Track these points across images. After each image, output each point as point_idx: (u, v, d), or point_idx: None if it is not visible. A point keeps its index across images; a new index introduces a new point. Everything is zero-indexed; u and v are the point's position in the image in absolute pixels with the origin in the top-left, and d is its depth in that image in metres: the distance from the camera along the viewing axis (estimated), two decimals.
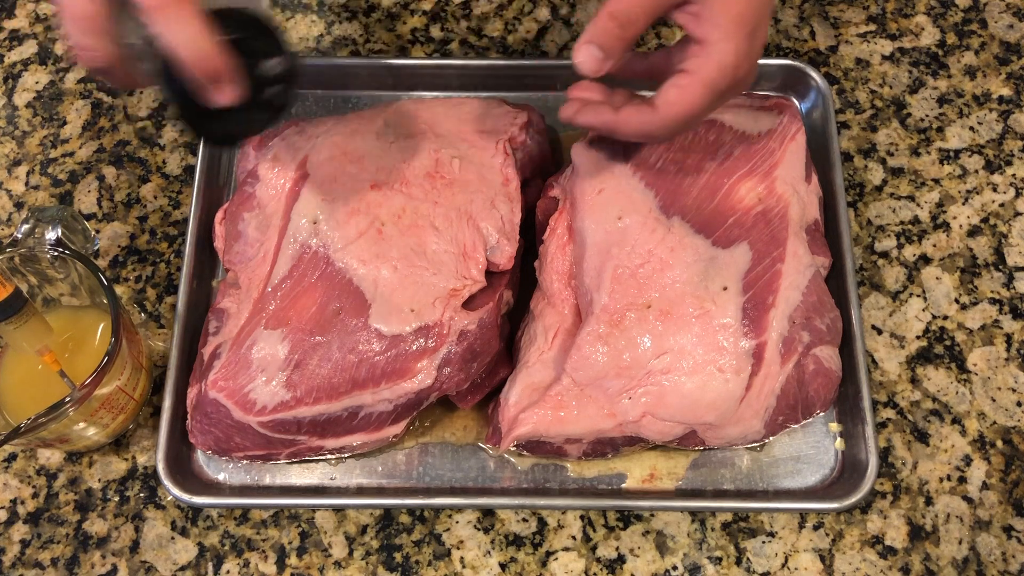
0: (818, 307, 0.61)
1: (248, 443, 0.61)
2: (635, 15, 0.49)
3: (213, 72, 0.45)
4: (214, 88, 0.45)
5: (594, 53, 0.50)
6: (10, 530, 0.64)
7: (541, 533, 0.63)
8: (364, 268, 0.60)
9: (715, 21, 0.49)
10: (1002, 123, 0.75)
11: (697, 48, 0.50)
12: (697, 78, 0.50)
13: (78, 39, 0.44)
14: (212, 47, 0.44)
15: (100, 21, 0.43)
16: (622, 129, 0.54)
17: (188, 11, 0.43)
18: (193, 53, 0.44)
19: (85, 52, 0.44)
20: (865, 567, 0.62)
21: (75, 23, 0.43)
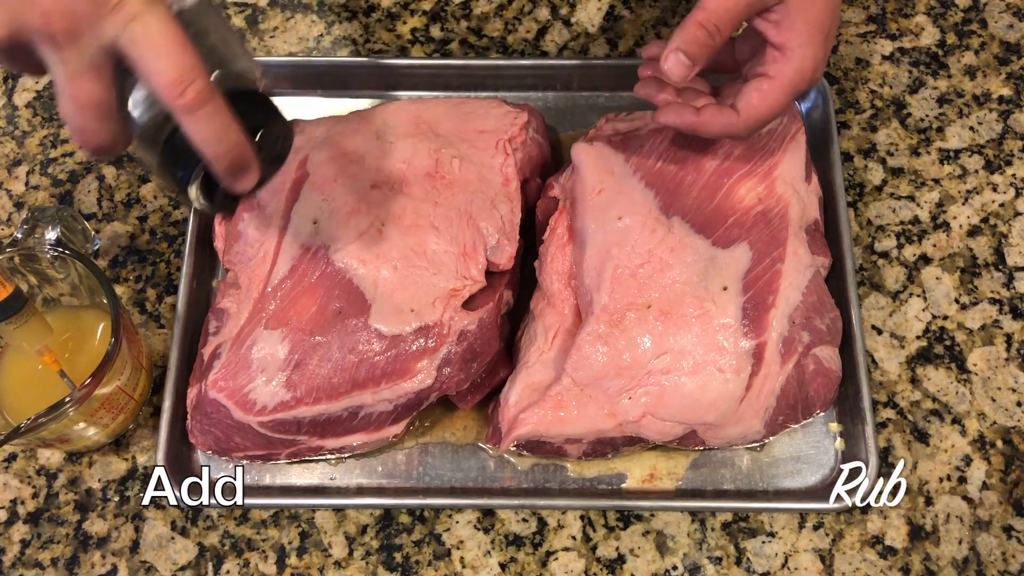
0: (818, 307, 0.61)
1: (248, 443, 0.61)
2: (722, 24, 0.52)
3: (241, 163, 0.45)
4: (239, 176, 0.46)
5: (682, 60, 0.53)
6: (10, 530, 0.64)
7: (541, 533, 0.63)
8: (364, 268, 0.60)
9: (795, 28, 0.53)
10: (1002, 123, 0.75)
11: (777, 53, 0.54)
12: (777, 83, 0.54)
13: (84, 124, 0.43)
14: (240, 140, 0.44)
15: (108, 106, 0.43)
16: (705, 130, 0.57)
17: (217, 107, 0.43)
18: (223, 148, 0.44)
19: (90, 136, 0.44)
20: (865, 567, 0.62)
21: (83, 110, 0.42)
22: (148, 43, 0.41)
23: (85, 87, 0.42)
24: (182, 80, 0.41)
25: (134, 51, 0.41)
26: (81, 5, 0.40)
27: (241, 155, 0.45)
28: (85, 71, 0.41)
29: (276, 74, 0.76)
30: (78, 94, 0.42)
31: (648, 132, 0.66)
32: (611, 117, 0.69)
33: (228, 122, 0.43)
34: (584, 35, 0.79)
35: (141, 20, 0.41)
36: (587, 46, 0.79)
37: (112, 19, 0.40)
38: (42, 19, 0.40)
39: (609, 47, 0.79)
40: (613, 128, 0.68)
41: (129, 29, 0.41)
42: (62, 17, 0.40)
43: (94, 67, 0.41)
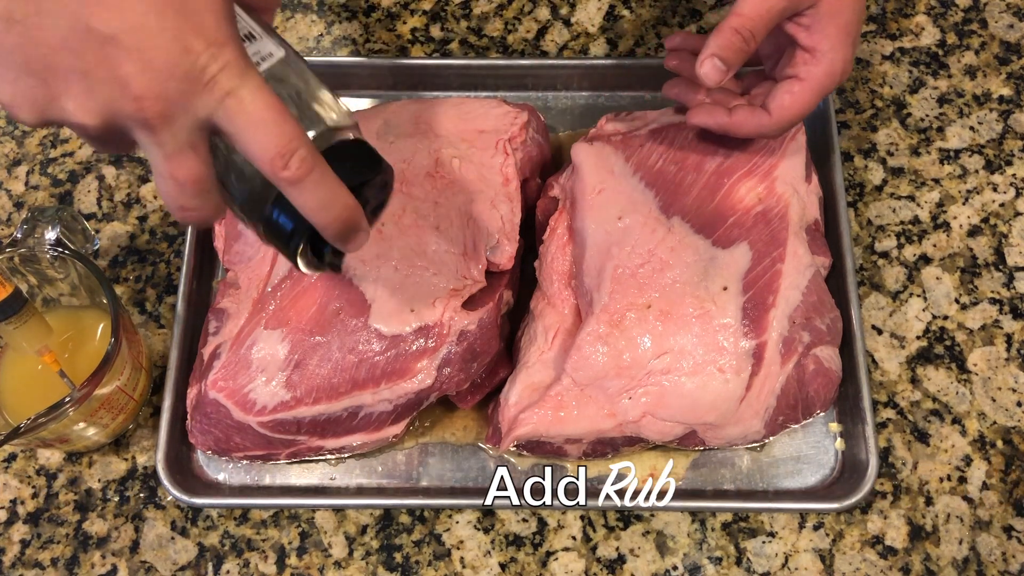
0: (818, 307, 0.61)
1: (248, 443, 0.61)
2: (757, 29, 0.54)
3: (351, 226, 0.44)
4: (349, 239, 0.44)
5: (718, 65, 0.55)
6: (10, 530, 0.64)
7: (541, 533, 0.63)
8: (364, 268, 0.60)
9: (825, 32, 0.55)
10: (1002, 123, 0.75)
11: (807, 56, 0.56)
12: (808, 84, 0.56)
13: (184, 202, 0.42)
14: (348, 204, 0.43)
15: (206, 182, 0.42)
16: (737, 131, 0.59)
17: (323, 176, 0.41)
18: (332, 215, 0.42)
19: (190, 213, 0.43)
20: (865, 567, 0.62)
21: (182, 189, 0.41)
22: (245, 118, 0.40)
23: (183, 166, 0.40)
24: (284, 153, 0.40)
25: (231, 127, 0.40)
26: (173, 87, 0.38)
27: (351, 217, 0.43)
28: (181, 150, 0.40)
29: None
30: (176, 173, 0.41)
31: (648, 132, 0.66)
32: (611, 117, 0.69)
33: (334, 188, 0.42)
34: (584, 35, 0.79)
35: (236, 95, 0.39)
36: (587, 46, 0.79)
37: (206, 97, 0.39)
38: (135, 104, 0.38)
39: (609, 47, 0.79)
40: (613, 128, 0.68)
41: (224, 105, 0.39)
42: (155, 101, 0.38)
43: (190, 145, 0.40)
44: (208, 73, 0.39)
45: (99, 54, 0.38)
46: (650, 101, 0.76)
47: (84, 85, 0.38)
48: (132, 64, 0.38)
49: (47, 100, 0.39)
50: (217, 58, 0.39)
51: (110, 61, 0.38)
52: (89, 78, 0.38)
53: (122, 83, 0.38)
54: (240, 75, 0.39)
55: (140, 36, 0.37)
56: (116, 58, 0.38)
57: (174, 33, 0.38)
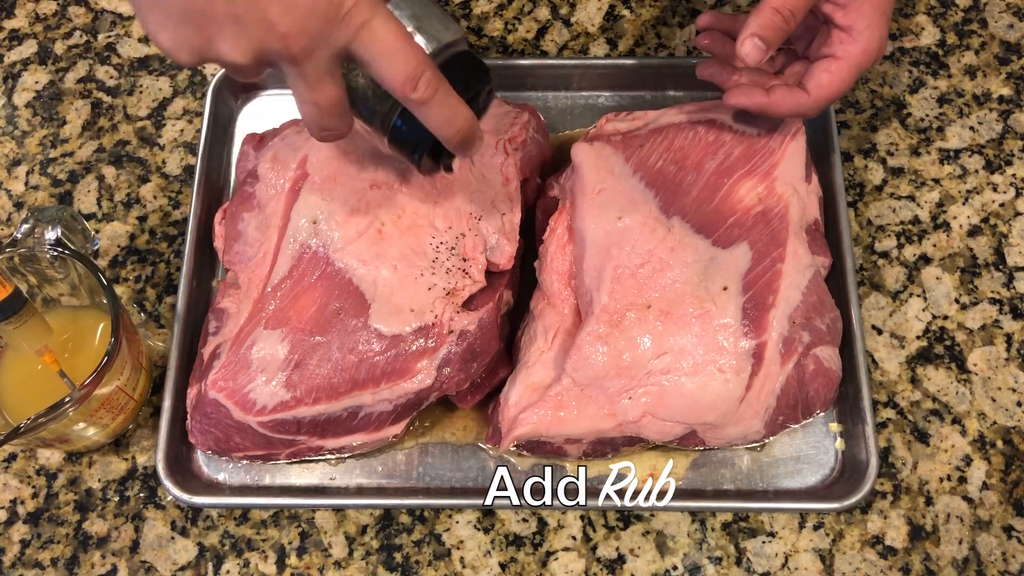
0: (818, 307, 0.61)
1: (248, 443, 0.61)
2: (797, 8, 0.55)
3: (470, 136, 0.49)
4: (468, 147, 0.50)
5: (758, 45, 0.56)
6: (10, 530, 0.64)
7: (541, 533, 0.63)
8: (364, 268, 0.60)
9: (861, 11, 0.56)
10: (1002, 123, 0.75)
11: (844, 35, 0.57)
12: (845, 63, 0.57)
13: (325, 123, 0.47)
14: (468, 116, 0.48)
15: (343, 104, 0.47)
16: (776, 111, 0.60)
17: (446, 95, 0.47)
18: (455, 128, 0.48)
19: (329, 133, 0.48)
20: (865, 567, 0.62)
21: (323, 112, 0.47)
22: (378, 47, 0.44)
23: (324, 92, 0.46)
24: (412, 77, 0.45)
25: (366, 55, 0.45)
26: (314, 23, 0.43)
27: (471, 128, 0.49)
28: (322, 78, 0.45)
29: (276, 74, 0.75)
30: (318, 99, 0.46)
31: (648, 132, 0.66)
32: (611, 117, 0.69)
33: (456, 105, 0.47)
34: (584, 35, 0.79)
35: (368, 27, 0.44)
36: (587, 46, 0.79)
37: (342, 29, 0.44)
38: (282, 42, 0.43)
39: (609, 47, 0.79)
40: (613, 128, 0.68)
41: (359, 37, 0.44)
42: (299, 37, 0.43)
43: (329, 73, 0.45)
44: (344, 8, 0.43)
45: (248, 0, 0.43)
46: (650, 101, 0.76)
47: (236, 28, 0.43)
48: (277, 7, 0.43)
49: (205, 43, 0.44)
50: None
51: (258, 5, 0.43)
52: (240, 22, 0.43)
53: (270, 24, 0.43)
54: (371, 7, 0.44)
55: None
56: (263, 2, 0.42)
57: None
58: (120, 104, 0.77)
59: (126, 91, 0.78)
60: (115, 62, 0.79)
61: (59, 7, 0.81)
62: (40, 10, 0.81)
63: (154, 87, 0.78)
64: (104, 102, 0.77)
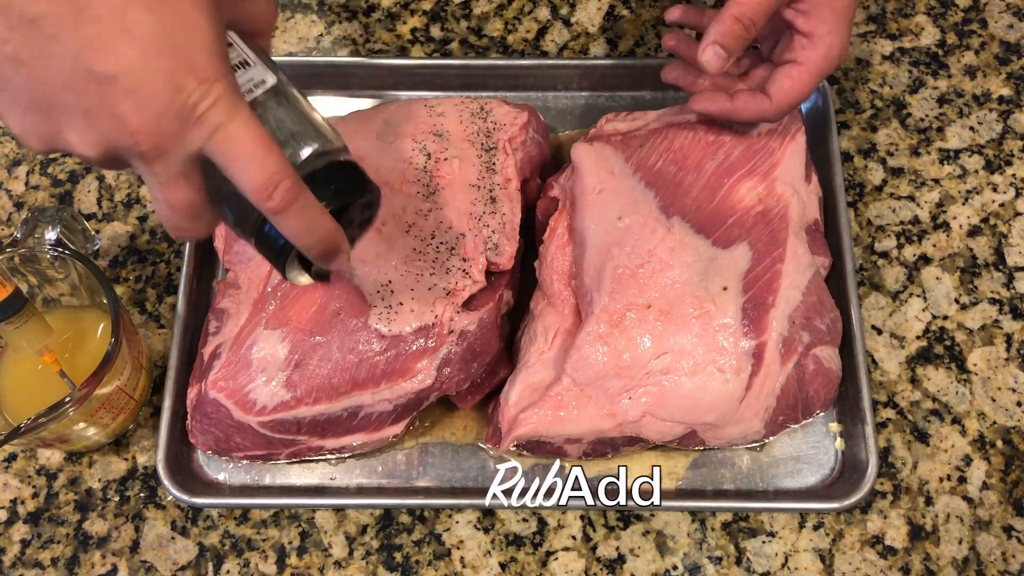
0: (818, 307, 0.61)
1: (248, 443, 0.61)
2: (757, 17, 0.56)
3: (332, 249, 0.47)
4: (331, 259, 0.47)
5: (719, 53, 0.56)
6: (10, 530, 0.64)
7: (541, 533, 0.63)
8: (364, 268, 0.60)
9: (822, 17, 0.57)
10: (1002, 123, 0.75)
11: (805, 41, 0.58)
12: (807, 68, 0.58)
13: (178, 224, 0.45)
14: (329, 228, 0.46)
15: (199, 206, 0.45)
16: (739, 116, 0.61)
17: (306, 203, 0.44)
18: (314, 239, 0.46)
19: (184, 233, 0.46)
20: (865, 567, 0.62)
21: (175, 213, 0.45)
22: (233, 152, 0.42)
23: (176, 193, 0.44)
24: (268, 184, 0.43)
25: (220, 159, 0.43)
26: (167, 123, 0.41)
27: (331, 242, 0.46)
28: (175, 179, 0.43)
29: None
30: (171, 200, 0.44)
31: (648, 132, 0.66)
32: (611, 117, 0.69)
33: (315, 215, 0.45)
34: (584, 35, 0.79)
35: (224, 130, 0.42)
36: (587, 46, 0.79)
37: (197, 131, 0.42)
38: (131, 139, 0.41)
39: (609, 47, 0.79)
40: (613, 128, 0.68)
41: (213, 140, 0.42)
42: (150, 136, 0.41)
43: (183, 175, 0.43)
44: (199, 110, 0.41)
45: (98, 93, 0.40)
46: (650, 101, 0.76)
47: (85, 121, 0.41)
48: (128, 103, 0.40)
49: (52, 133, 0.42)
50: (208, 95, 0.41)
51: (108, 100, 0.40)
52: (89, 115, 0.41)
53: (120, 120, 0.41)
54: (230, 110, 0.42)
55: (136, 77, 0.40)
56: (114, 97, 0.40)
57: (167, 73, 0.40)
58: None
59: None
60: None
61: None
62: None
63: None
64: None
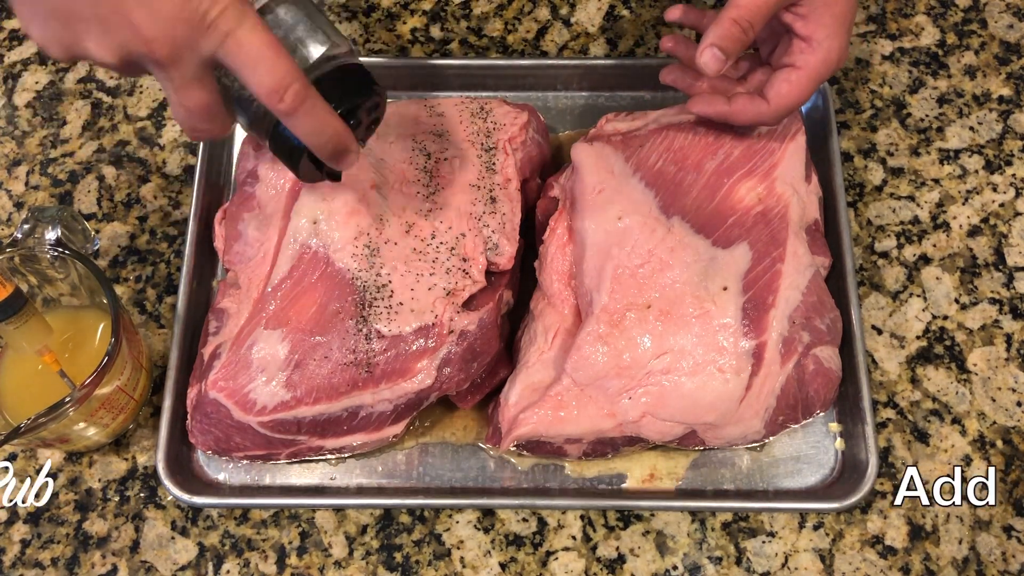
0: (818, 307, 0.61)
1: (248, 443, 0.61)
2: (755, 20, 0.56)
3: (341, 148, 0.49)
4: (341, 159, 0.49)
5: (717, 55, 0.56)
6: (10, 530, 0.64)
7: (541, 533, 0.63)
8: (364, 268, 0.60)
9: (821, 21, 0.57)
10: (1002, 123, 0.75)
11: (804, 45, 0.58)
12: (804, 73, 0.58)
13: (194, 125, 0.47)
14: (339, 129, 0.48)
15: (214, 107, 0.47)
16: (737, 119, 0.61)
17: (315, 104, 0.46)
18: (324, 139, 0.48)
19: (200, 133, 0.48)
20: (865, 567, 0.62)
21: (191, 115, 0.46)
22: (244, 57, 0.44)
23: (192, 96, 0.46)
24: (279, 87, 0.44)
25: (232, 64, 0.44)
26: (179, 30, 0.43)
27: (341, 142, 0.48)
28: (190, 83, 0.45)
29: None
30: (186, 102, 0.46)
31: (648, 132, 0.66)
32: (611, 117, 0.69)
33: (325, 116, 0.47)
34: (584, 35, 0.79)
35: (234, 36, 0.44)
36: (587, 46, 0.79)
37: (208, 37, 0.43)
38: (146, 47, 0.43)
39: (609, 47, 0.79)
40: (613, 128, 0.68)
41: (224, 45, 0.44)
42: (163, 43, 0.43)
43: (197, 79, 0.45)
44: (209, 17, 0.43)
45: (114, 3, 0.43)
46: (650, 101, 0.76)
47: (102, 29, 0.43)
48: (141, 11, 0.42)
49: (72, 41, 0.44)
50: (217, 3, 0.43)
51: (123, 8, 0.42)
52: (105, 23, 0.43)
53: (134, 28, 0.43)
54: (238, 17, 0.44)
55: None
56: (128, 6, 0.42)
57: None
58: (120, 104, 0.77)
59: (126, 91, 0.78)
60: None
61: None
62: None
63: (154, 87, 0.78)
64: (104, 102, 0.77)
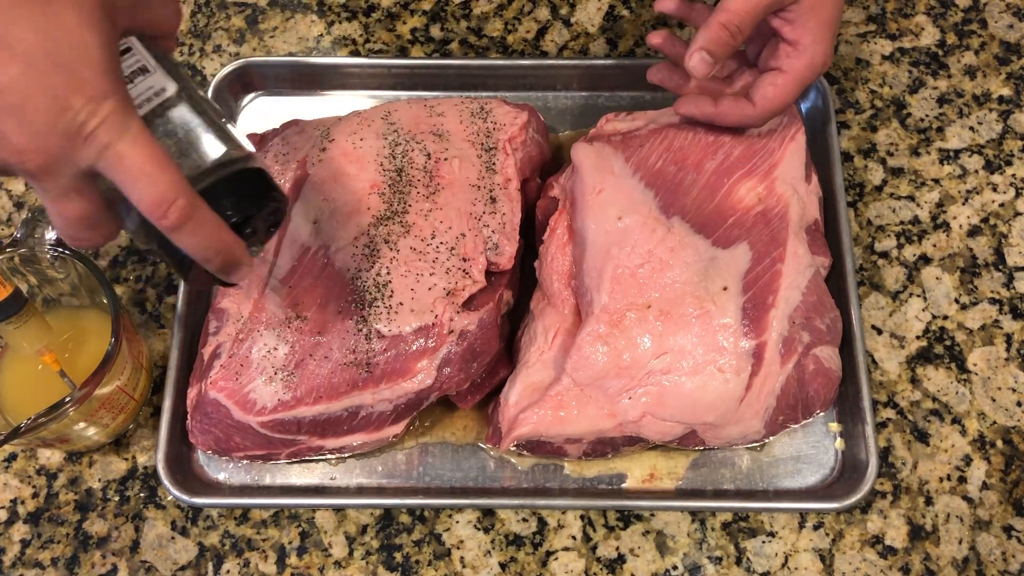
0: (818, 307, 0.61)
1: (248, 443, 0.61)
2: (744, 24, 0.57)
3: (231, 263, 0.46)
4: (230, 272, 0.46)
5: (706, 59, 0.57)
6: (10, 530, 0.64)
7: (541, 533, 0.63)
8: (364, 268, 0.60)
9: (807, 27, 0.57)
10: (1002, 123, 0.75)
11: (790, 49, 0.59)
12: (790, 76, 0.59)
13: (74, 234, 0.44)
14: (228, 243, 0.45)
15: (94, 216, 0.44)
16: (722, 121, 0.62)
17: (203, 219, 0.43)
18: (212, 254, 0.45)
19: (81, 242, 0.45)
20: (865, 567, 0.62)
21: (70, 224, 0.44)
22: (124, 171, 0.41)
23: (70, 207, 0.43)
24: (162, 202, 0.41)
25: (113, 177, 0.42)
26: (54, 141, 0.40)
27: (230, 257, 0.45)
28: (67, 193, 0.42)
29: (276, 74, 0.76)
30: (64, 212, 0.43)
31: (648, 132, 0.66)
32: (611, 117, 0.69)
33: (212, 232, 0.44)
34: (584, 35, 0.79)
35: (114, 149, 0.41)
36: (587, 46, 0.79)
37: (86, 149, 0.41)
38: (17, 157, 0.40)
39: (609, 47, 0.79)
40: (613, 128, 0.68)
41: (104, 158, 0.41)
42: (35, 155, 0.40)
43: (75, 189, 0.42)
44: (87, 128, 0.40)
45: None
46: (650, 101, 0.76)
47: None
48: (11, 121, 0.39)
49: None
50: (96, 113, 0.40)
51: None
52: None
53: (3, 138, 0.40)
54: (119, 128, 0.41)
55: (18, 95, 0.39)
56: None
57: (53, 91, 0.39)
58: None
59: None
60: None
61: None
62: None
63: None
64: None
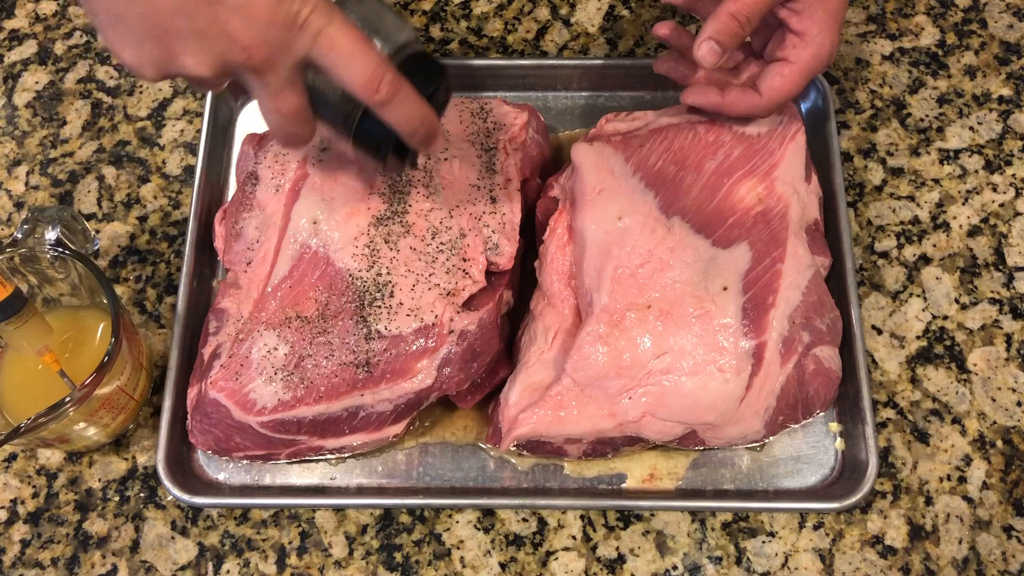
0: (818, 307, 0.61)
1: (248, 443, 0.61)
2: (753, 15, 0.57)
3: (433, 132, 0.51)
4: (430, 142, 0.51)
5: (714, 48, 0.57)
6: (10, 530, 0.64)
7: (541, 533, 0.63)
8: (364, 268, 0.60)
9: (814, 17, 0.58)
10: (1002, 123, 0.75)
11: (797, 39, 0.59)
12: (797, 67, 0.59)
13: (288, 130, 0.49)
14: (429, 114, 0.50)
15: (305, 111, 0.48)
16: (730, 111, 0.62)
17: (407, 94, 0.48)
18: (417, 125, 0.49)
19: (292, 139, 0.50)
20: (865, 567, 0.62)
21: (285, 119, 0.48)
22: (337, 53, 0.46)
23: (287, 101, 0.47)
24: (374, 79, 0.46)
25: (326, 61, 0.46)
26: (274, 33, 0.44)
27: (432, 126, 0.51)
28: (284, 87, 0.46)
29: None
30: (281, 107, 0.47)
31: (648, 132, 0.66)
32: (611, 117, 0.69)
33: (417, 103, 0.49)
34: (584, 35, 0.79)
35: (326, 34, 0.45)
36: (587, 46, 0.79)
37: (301, 38, 0.45)
38: (244, 54, 0.44)
39: (609, 47, 0.79)
40: (613, 128, 0.68)
41: (317, 44, 0.45)
42: (261, 48, 0.44)
43: (291, 82, 0.46)
44: (301, 17, 0.44)
45: (209, 14, 0.43)
46: (650, 101, 0.76)
47: (199, 43, 0.44)
48: (238, 19, 0.44)
49: (167, 59, 0.45)
50: (307, 2, 0.44)
51: (219, 19, 0.44)
52: (202, 37, 0.44)
53: (231, 38, 0.44)
54: (328, 15, 0.45)
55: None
56: (224, 16, 0.43)
57: None
58: (120, 104, 0.77)
59: (126, 91, 0.78)
60: (115, 62, 0.79)
61: (59, 7, 0.81)
62: (40, 10, 0.81)
63: (154, 87, 0.78)
64: (104, 102, 0.77)
